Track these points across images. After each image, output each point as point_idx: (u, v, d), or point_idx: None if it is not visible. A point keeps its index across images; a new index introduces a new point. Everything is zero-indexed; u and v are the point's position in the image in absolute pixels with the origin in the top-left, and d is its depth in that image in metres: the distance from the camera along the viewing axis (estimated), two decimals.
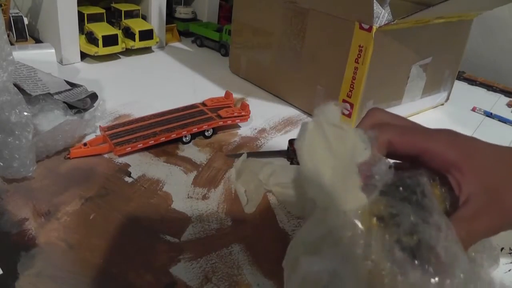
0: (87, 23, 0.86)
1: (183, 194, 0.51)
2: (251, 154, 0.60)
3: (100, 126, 0.60)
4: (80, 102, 0.64)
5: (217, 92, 0.79)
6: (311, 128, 0.33)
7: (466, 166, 0.31)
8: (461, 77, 1.01)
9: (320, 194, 0.30)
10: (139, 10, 0.95)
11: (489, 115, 0.83)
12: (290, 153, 0.58)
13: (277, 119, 0.72)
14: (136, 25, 0.91)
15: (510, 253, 0.47)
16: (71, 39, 0.84)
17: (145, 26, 0.92)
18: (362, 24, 0.61)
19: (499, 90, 0.97)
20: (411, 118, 0.81)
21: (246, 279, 0.40)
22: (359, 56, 0.63)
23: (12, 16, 0.81)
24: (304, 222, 0.40)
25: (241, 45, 0.86)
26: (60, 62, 0.84)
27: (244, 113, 0.66)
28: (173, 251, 0.42)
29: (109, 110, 0.68)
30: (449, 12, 0.70)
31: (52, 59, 0.74)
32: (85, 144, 0.56)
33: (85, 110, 0.64)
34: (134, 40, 0.90)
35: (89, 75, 0.81)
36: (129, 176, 0.53)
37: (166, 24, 1.02)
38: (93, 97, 0.67)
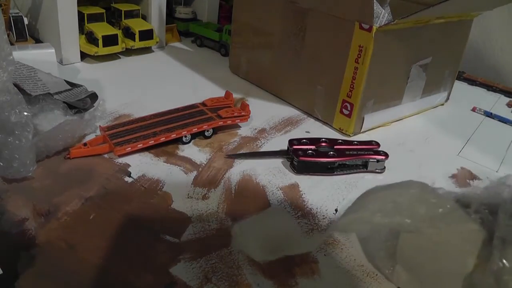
0: (87, 23, 0.86)
1: (183, 194, 0.51)
2: (251, 154, 0.61)
3: (100, 126, 0.60)
4: (80, 102, 0.64)
5: (217, 92, 0.79)
6: None
7: None
8: (461, 77, 1.01)
9: None
10: (139, 10, 0.95)
11: (489, 115, 0.83)
12: (290, 153, 0.58)
13: (277, 119, 0.72)
14: (136, 25, 0.91)
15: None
16: (71, 39, 0.84)
17: (145, 26, 0.92)
18: (362, 24, 0.61)
19: (499, 90, 0.97)
20: (411, 118, 0.82)
21: (246, 279, 0.40)
22: (359, 56, 0.63)
23: (12, 16, 0.81)
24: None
25: (241, 45, 0.86)
26: (60, 62, 0.84)
27: (244, 113, 0.66)
28: (173, 251, 0.42)
29: (109, 110, 0.68)
30: (449, 12, 0.70)
31: (52, 59, 0.74)
32: (85, 144, 0.56)
33: (85, 110, 0.64)
34: (134, 40, 0.90)
35: (89, 75, 0.81)
36: (129, 176, 0.53)
37: (166, 24, 1.02)
38: (93, 97, 0.67)
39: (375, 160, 0.59)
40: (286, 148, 0.60)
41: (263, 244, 0.41)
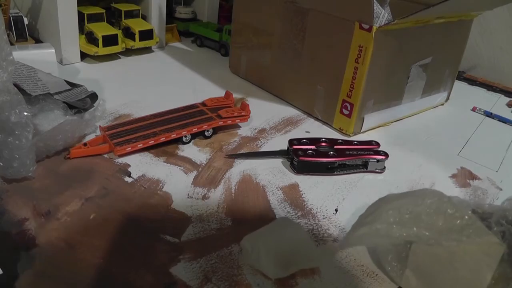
0: (87, 23, 0.86)
1: (183, 194, 0.51)
2: (251, 154, 0.61)
3: (100, 126, 0.60)
4: (80, 102, 0.64)
5: (217, 92, 0.79)
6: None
7: None
8: (461, 77, 1.01)
9: None
10: (139, 10, 0.95)
11: (489, 115, 0.83)
12: (290, 153, 0.58)
13: (277, 119, 0.72)
14: (136, 25, 0.91)
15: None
16: (71, 39, 0.84)
17: (145, 26, 0.92)
18: (362, 24, 0.61)
19: (499, 90, 0.97)
20: (411, 118, 0.82)
21: (246, 279, 0.40)
22: (359, 56, 0.63)
23: (12, 16, 0.81)
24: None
25: (241, 45, 0.86)
26: (60, 62, 0.84)
27: (244, 113, 0.66)
28: (173, 251, 0.42)
29: (109, 110, 0.68)
30: (449, 12, 0.70)
31: (52, 59, 0.74)
32: (85, 144, 0.56)
33: (85, 110, 0.64)
34: (134, 40, 0.90)
35: (89, 75, 0.81)
36: (129, 176, 0.53)
37: (166, 24, 1.02)
38: (93, 97, 0.67)
39: (375, 160, 0.59)
40: (286, 148, 0.60)
41: (275, 260, 0.40)
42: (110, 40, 0.85)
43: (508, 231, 0.35)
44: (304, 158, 0.57)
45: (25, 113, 0.48)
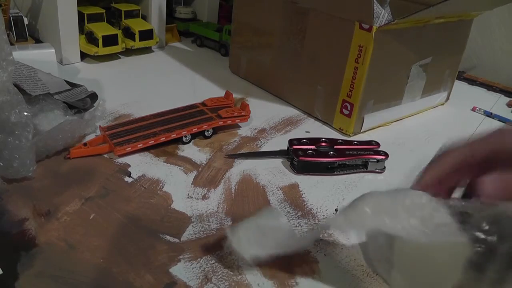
0: (87, 23, 0.87)
1: (183, 194, 0.51)
2: (251, 154, 0.61)
3: (100, 126, 0.60)
4: (80, 102, 0.64)
5: (217, 92, 0.79)
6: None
7: None
8: (461, 77, 1.01)
9: None
10: (139, 10, 0.95)
11: (489, 115, 0.83)
12: (290, 153, 0.58)
13: (277, 119, 0.72)
14: (136, 25, 0.91)
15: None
16: (71, 39, 0.84)
17: (145, 26, 0.92)
18: (362, 24, 0.61)
19: (499, 90, 0.97)
20: (411, 118, 0.82)
21: (246, 279, 0.40)
22: (359, 56, 0.63)
23: (12, 16, 0.81)
24: None
25: (241, 45, 0.86)
26: (60, 62, 0.84)
27: (244, 113, 0.66)
28: (173, 251, 0.42)
29: (109, 110, 0.68)
30: (449, 12, 0.70)
31: (52, 59, 0.74)
32: (85, 144, 0.56)
33: (85, 110, 0.64)
34: (134, 40, 0.90)
35: (89, 75, 0.81)
36: (129, 176, 0.53)
37: (166, 24, 1.02)
38: (93, 97, 0.67)
39: (375, 160, 0.59)
40: (286, 148, 0.60)
41: (255, 243, 0.40)
42: (110, 40, 0.85)
43: (486, 234, 0.34)
44: (304, 158, 0.57)
45: (25, 113, 0.48)
